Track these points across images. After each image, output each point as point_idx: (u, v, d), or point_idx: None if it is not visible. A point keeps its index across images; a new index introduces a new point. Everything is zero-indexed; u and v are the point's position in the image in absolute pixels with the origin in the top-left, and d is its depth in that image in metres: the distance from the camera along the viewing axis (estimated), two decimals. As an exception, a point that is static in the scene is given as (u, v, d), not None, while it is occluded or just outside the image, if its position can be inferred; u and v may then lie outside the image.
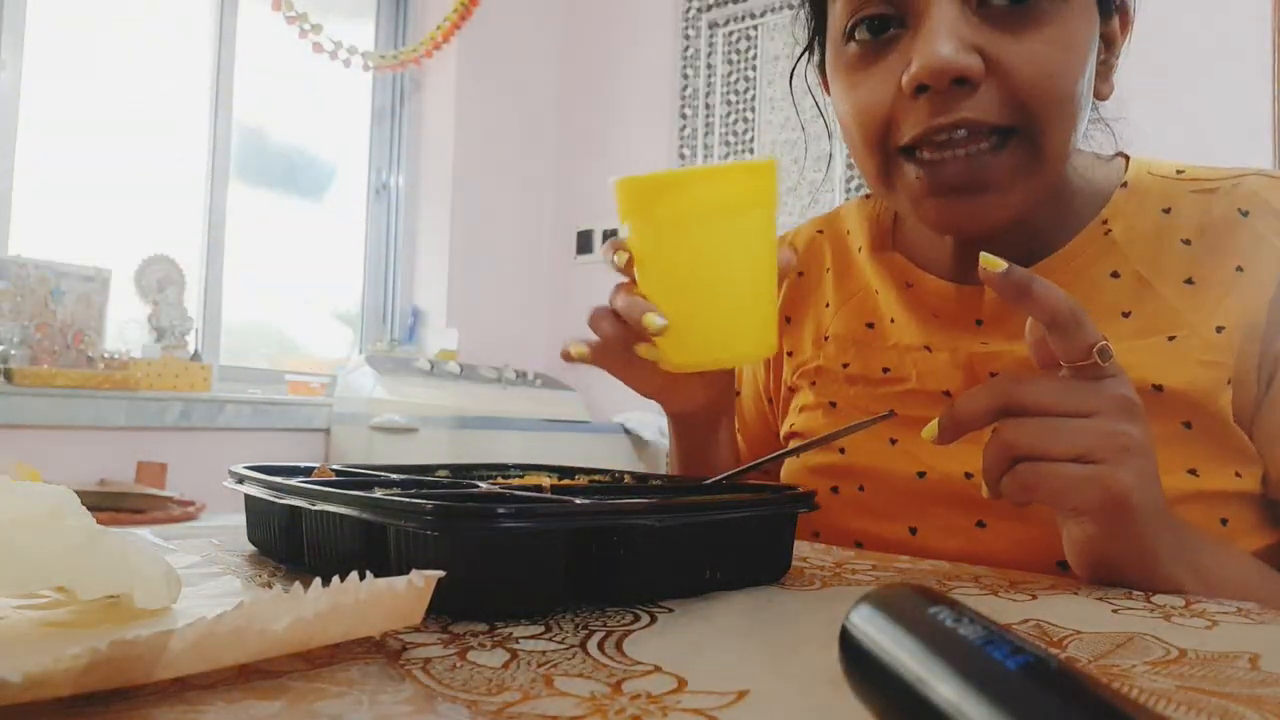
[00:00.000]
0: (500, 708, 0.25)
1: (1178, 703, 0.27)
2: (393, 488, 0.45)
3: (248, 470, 0.50)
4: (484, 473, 0.60)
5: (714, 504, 0.43)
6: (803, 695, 0.27)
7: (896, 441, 0.65)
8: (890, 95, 0.56)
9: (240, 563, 0.48)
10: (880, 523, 0.64)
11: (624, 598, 0.39)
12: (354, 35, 2.77)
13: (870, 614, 0.23)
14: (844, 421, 0.67)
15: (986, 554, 0.59)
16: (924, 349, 0.67)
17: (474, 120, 3.03)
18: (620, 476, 0.57)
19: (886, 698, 0.21)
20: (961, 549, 0.60)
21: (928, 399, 0.65)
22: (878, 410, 0.62)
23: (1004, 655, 0.19)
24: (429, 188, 3.04)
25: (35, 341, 2.07)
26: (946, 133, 0.54)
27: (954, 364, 0.65)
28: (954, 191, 0.56)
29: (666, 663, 0.30)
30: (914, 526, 0.63)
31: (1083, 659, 0.32)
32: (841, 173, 2.60)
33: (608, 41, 3.19)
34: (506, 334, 3.08)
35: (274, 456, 1.90)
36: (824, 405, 0.71)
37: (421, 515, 0.35)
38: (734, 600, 0.41)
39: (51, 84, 2.28)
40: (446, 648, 0.31)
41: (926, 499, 0.63)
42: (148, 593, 0.31)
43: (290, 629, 0.27)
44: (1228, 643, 0.34)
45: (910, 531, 0.63)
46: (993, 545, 0.59)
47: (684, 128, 2.98)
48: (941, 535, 0.61)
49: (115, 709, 0.24)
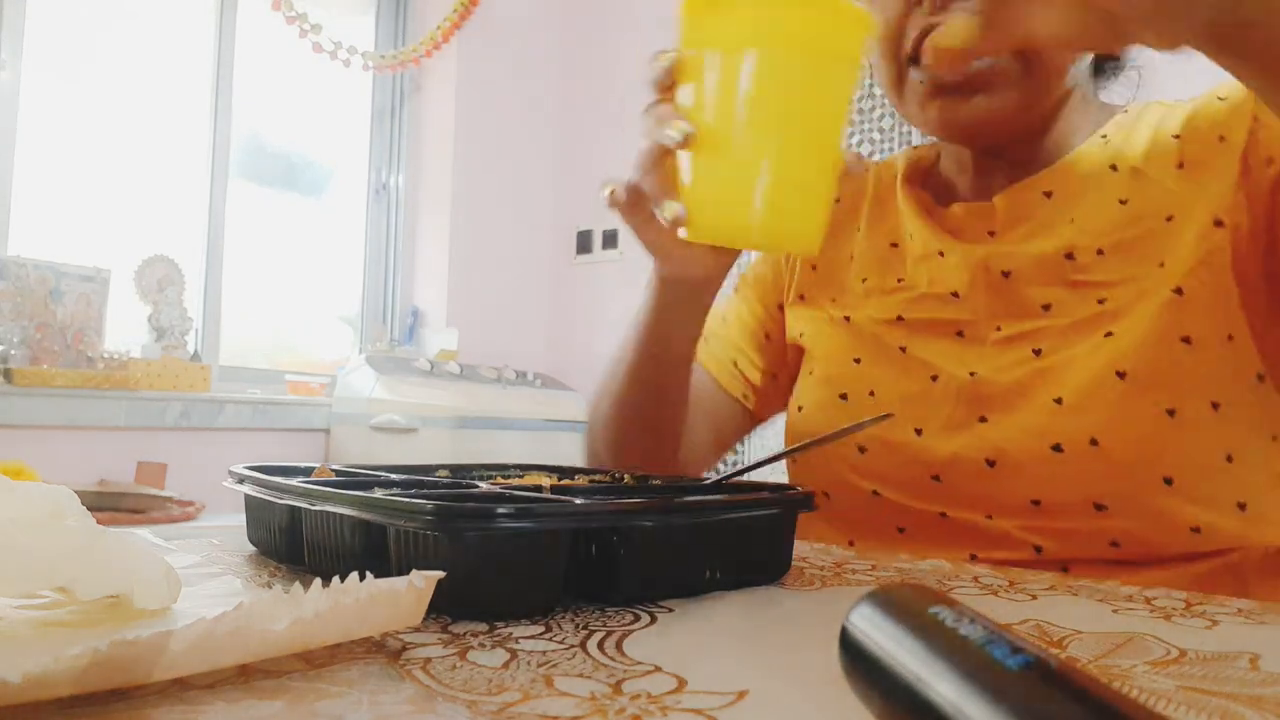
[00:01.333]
0: (500, 708, 0.25)
1: (1178, 703, 0.27)
2: (393, 488, 0.45)
3: (248, 470, 0.50)
4: (484, 473, 0.60)
5: (714, 504, 0.43)
6: (803, 695, 0.27)
7: (906, 349, 0.68)
8: (901, 7, 0.62)
9: (240, 563, 0.48)
10: (885, 428, 0.65)
11: (624, 598, 0.39)
12: (354, 35, 2.77)
13: (870, 614, 0.23)
14: (861, 336, 0.70)
15: (990, 448, 0.61)
16: (937, 255, 0.69)
17: (474, 120, 3.03)
18: (620, 476, 0.57)
19: (886, 698, 0.21)
20: (965, 445, 0.62)
21: (936, 301, 0.68)
22: (889, 318, 0.69)
23: (1004, 655, 0.19)
24: (429, 188, 3.04)
25: (35, 341, 2.07)
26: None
27: (964, 265, 0.67)
28: (953, 91, 0.62)
29: (666, 663, 0.30)
30: (919, 428, 0.64)
31: (1083, 659, 0.32)
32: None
33: (608, 41, 3.19)
34: (506, 334, 3.08)
35: (274, 456, 1.90)
36: (840, 319, 0.73)
37: (421, 515, 0.35)
38: (734, 600, 0.41)
39: (51, 84, 2.28)
40: (446, 648, 0.31)
41: (932, 400, 0.65)
42: (148, 593, 0.31)
43: (290, 629, 0.27)
44: (1228, 643, 0.34)
45: (916, 432, 0.64)
46: (995, 438, 0.61)
47: (684, 128, 2.98)
48: (945, 433, 0.63)
49: (115, 709, 0.24)
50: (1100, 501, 0.57)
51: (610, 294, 3.10)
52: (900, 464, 0.64)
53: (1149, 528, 0.56)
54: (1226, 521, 0.56)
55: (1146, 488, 0.56)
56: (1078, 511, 0.57)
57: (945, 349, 0.66)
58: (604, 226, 3.14)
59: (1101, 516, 0.57)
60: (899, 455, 0.64)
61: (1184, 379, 0.57)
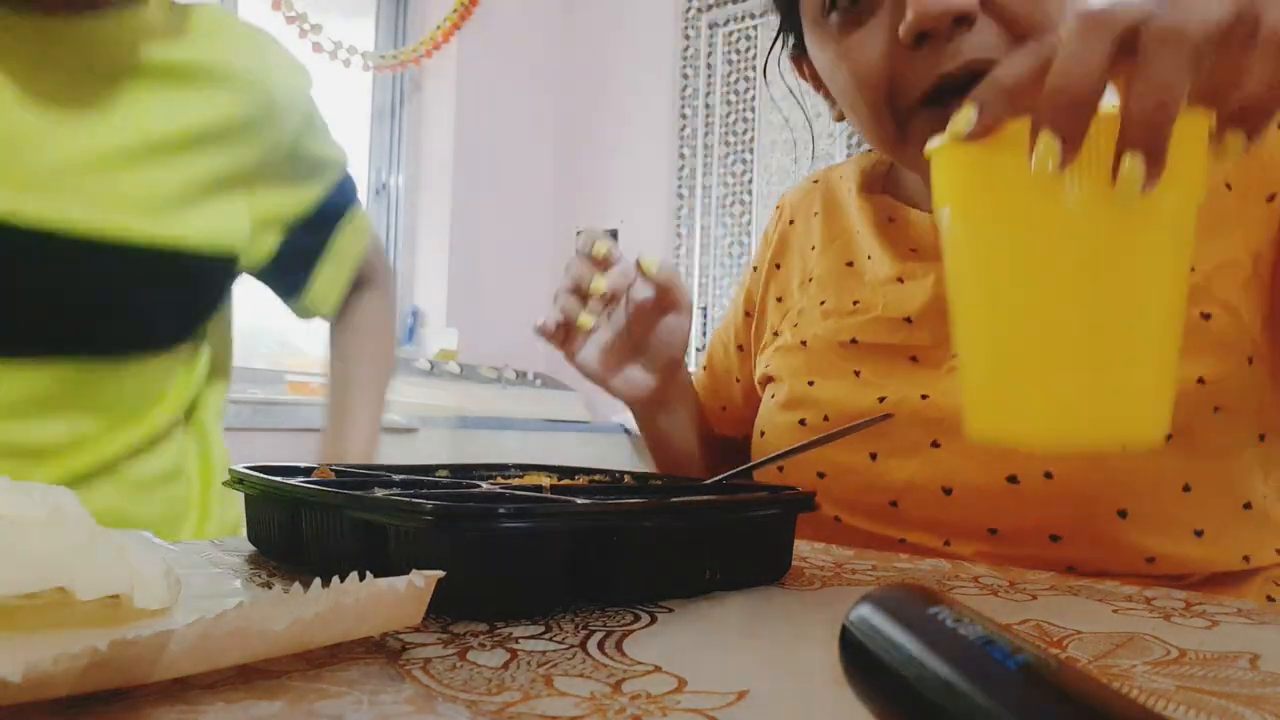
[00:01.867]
0: (500, 708, 0.25)
1: (1178, 703, 0.27)
2: (393, 488, 0.45)
3: (248, 470, 0.50)
4: (484, 473, 0.60)
5: (714, 504, 0.43)
6: (803, 695, 0.27)
7: (860, 373, 0.67)
8: (885, 52, 0.57)
9: (240, 563, 0.48)
10: (841, 451, 0.65)
11: (624, 598, 0.39)
12: (354, 35, 2.77)
13: (870, 614, 0.23)
14: (816, 359, 0.70)
15: (945, 475, 0.60)
16: (896, 280, 0.69)
17: (474, 120, 3.03)
18: (620, 476, 0.57)
19: (886, 697, 0.21)
20: (918, 470, 0.61)
21: (889, 325, 0.67)
22: (844, 340, 0.69)
23: (1004, 655, 0.19)
24: (429, 188, 3.04)
25: (35, 341, 2.06)
26: (957, 80, 0.54)
27: (921, 290, 0.66)
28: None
29: (666, 663, 0.30)
30: (874, 451, 0.64)
31: (1083, 659, 0.32)
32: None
33: (608, 41, 3.19)
34: (506, 334, 3.08)
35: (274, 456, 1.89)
36: (797, 345, 0.73)
37: (421, 515, 0.35)
38: (734, 600, 0.41)
39: (51, 84, 2.27)
40: (446, 648, 0.31)
41: (885, 424, 0.64)
42: (147, 593, 0.31)
43: (290, 629, 0.27)
44: (1228, 643, 0.34)
45: (871, 457, 0.64)
46: (949, 463, 0.60)
47: (684, 128, 2.98)
48: (898, 458, 0.63)
49: (115, 709, 0.24)
50: (1055, 532, 0.57)
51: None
52: (858, 489, 0.64)
53: (1104, 557, 0.56)
54: (1183, 549, 0.55)
55: (1101, 519, 0.56)
56: (1033, 540, 0.57)
57: (899, 372, 0.66)
58: (604, 226, 3.14)
59: (1057, 546, 0.57)
60: (857, 479, 0.64)
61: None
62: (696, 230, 2.95)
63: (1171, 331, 0.35)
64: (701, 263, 2.94)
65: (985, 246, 0.35)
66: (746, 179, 2.88)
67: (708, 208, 2.95)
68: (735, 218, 2.89)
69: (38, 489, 0.34)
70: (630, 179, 3.11)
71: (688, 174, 2.98)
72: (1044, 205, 0.33)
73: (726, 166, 2.92)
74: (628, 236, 3.09)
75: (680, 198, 2.99)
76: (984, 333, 0.36)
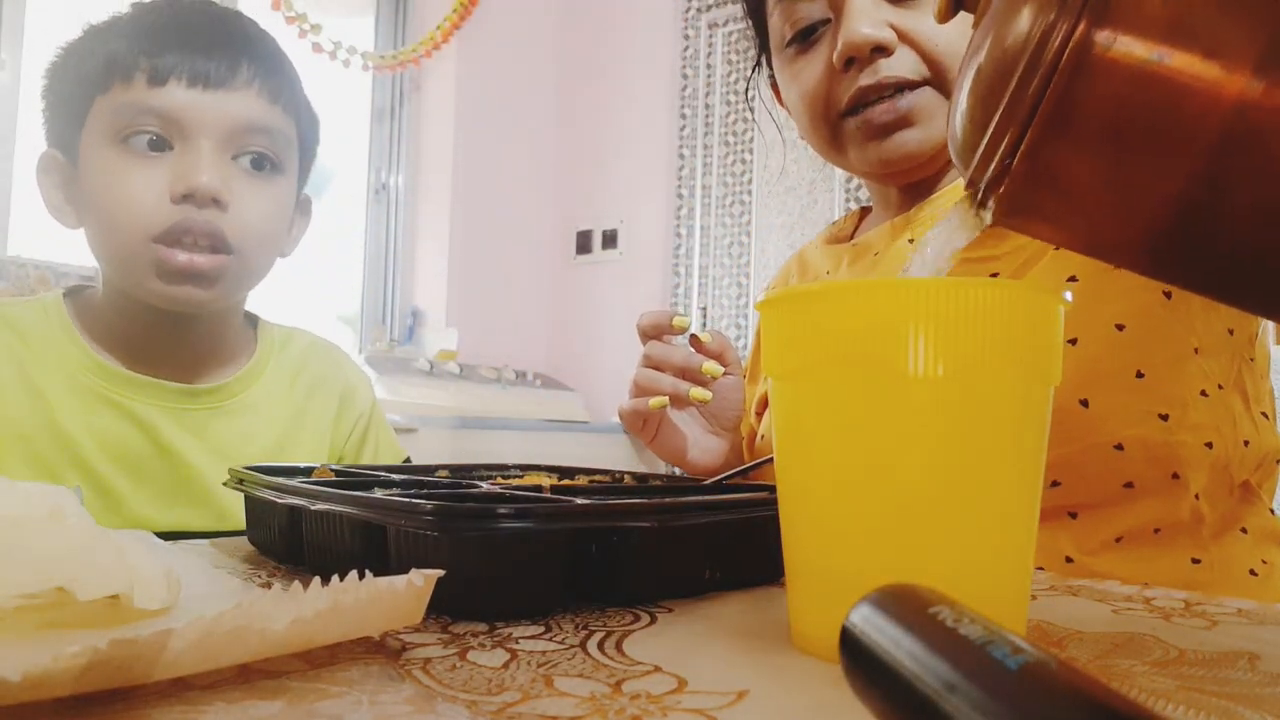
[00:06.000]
0: (500, 708, 0.25)
1: (1178, 703, 0.27)
2: (393, 488, 0.45)
3: (248, 470, 0.50)
4: (484, 473, 0.60)
5: (714, 504, 0.43)
6: (803, 695, 0.27)
7: None
8: (824, 74, 0.69)
9: (240, 563, 0.48)
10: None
11: (624, 598, 0.39)
12: (353, 35, 2.77)
13: (870, 614, 0.23)
14: None
15: None
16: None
17: (474, 120, 3.03)
18: (620, 476, 0.57)
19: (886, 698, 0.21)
20: None
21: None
22: None
23: (1004, 655, 0.19)
24: (428, 188, 3.04)
25: (35, 341, 2.07)
26: (875, 93, 0.66)
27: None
28: (885, 130, 0.68)
29: (666, 663, 0.30)
30: None
31: (1083, 659, 0.32)
32: (841, 172, 2.60)
33: (607, 41, 3.19)
34: (506, 334, 3.08)
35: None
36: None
37: (421, 515, 0.35)
38: (734, 600, 0.41)
39: (51, 84, 2.28)
40: (446, 648, 0.31)
41: None
42: (147, 593, 0.31)
43: (290, 629, 0.27)
44: (1228, 643, 0.34)
45: None
46: None
47: (684, 128, 2.98)
48: None
49: (115, 709, 0.24)
50: None
51: (610, 294, 3.10)
52: None
53: (1076, 453, 0.58)
54: (1150, 432, 0.58)
55: (1063, 411, 0.57)
56: None
57: None
58: (604, 226, 3.14)
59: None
60: None
61: (1085, 307, 0.58)
62: (696, 230, 2.95)
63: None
64: (701, 263, 2.94)
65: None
66: (746, 179, 2.88)
67: (708, 208, 2.95)
68: (735, 218, 2.89)
69: (38, 489, 0.34)
70: (630, 179, 3.10)
71: (688, 174, 2.98)
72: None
73: (726, 166, 2.92)
74: (628, 236, 3.09)
75: (680, 198, 2.99)
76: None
